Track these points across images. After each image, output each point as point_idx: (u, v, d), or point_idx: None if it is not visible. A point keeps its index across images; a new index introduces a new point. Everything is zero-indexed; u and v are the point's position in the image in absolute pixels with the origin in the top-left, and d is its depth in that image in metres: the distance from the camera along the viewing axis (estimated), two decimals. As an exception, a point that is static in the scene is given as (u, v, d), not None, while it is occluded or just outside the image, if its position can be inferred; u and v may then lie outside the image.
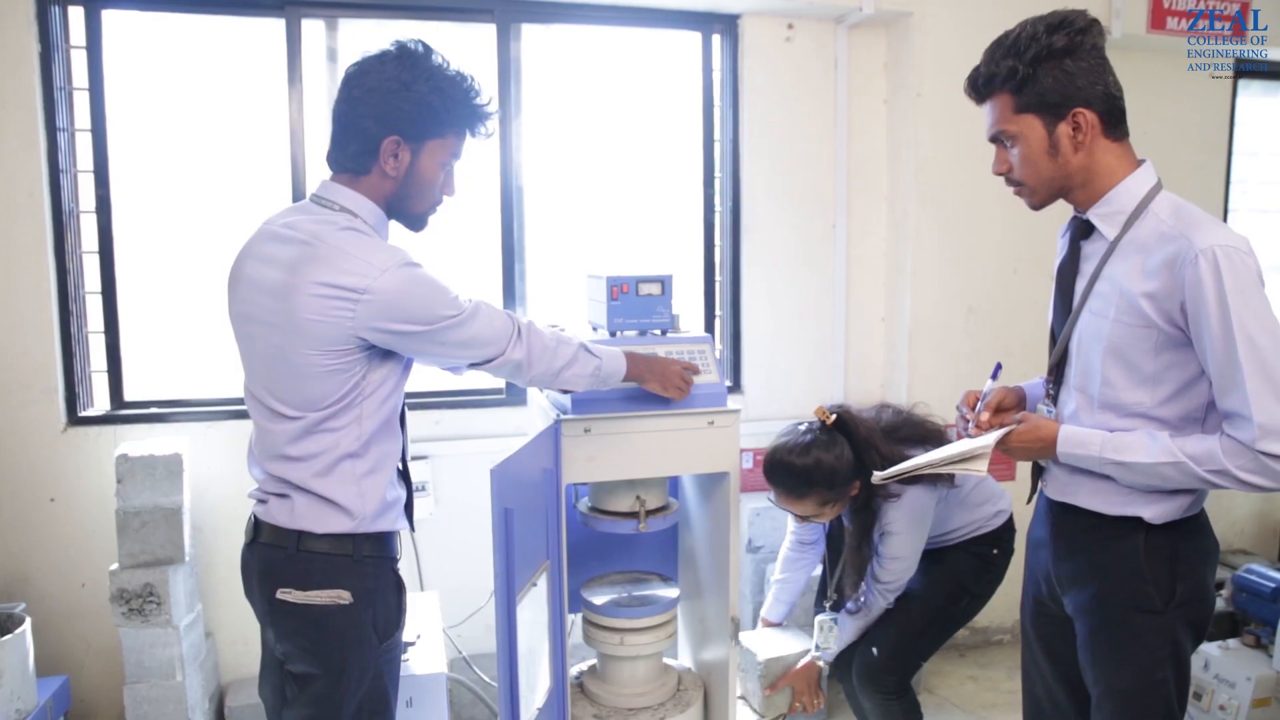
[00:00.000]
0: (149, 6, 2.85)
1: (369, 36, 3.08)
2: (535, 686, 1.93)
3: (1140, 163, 1.60)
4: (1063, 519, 1.70)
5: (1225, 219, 3.96)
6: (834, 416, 2.26)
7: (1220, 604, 3.07)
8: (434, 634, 2.60)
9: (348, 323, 1.52)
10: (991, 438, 1.59)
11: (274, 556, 1.62)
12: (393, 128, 1.60)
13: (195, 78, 2.94)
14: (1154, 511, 1.57)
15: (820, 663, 2.60)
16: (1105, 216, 1.59)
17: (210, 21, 2.93)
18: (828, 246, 3.38)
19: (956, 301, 3.38)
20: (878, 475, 1.77)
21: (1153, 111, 3.70)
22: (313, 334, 1.53)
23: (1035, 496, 1.82)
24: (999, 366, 1.78)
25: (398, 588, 1.72)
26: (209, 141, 2.97)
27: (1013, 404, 1.76)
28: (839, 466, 2.21)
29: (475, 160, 3.13)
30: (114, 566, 2.56)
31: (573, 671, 2.48)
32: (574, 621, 2.64)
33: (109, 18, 2.82)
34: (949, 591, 2.43)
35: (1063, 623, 1.73)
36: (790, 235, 3.35)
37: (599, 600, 2.34)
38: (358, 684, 1.61)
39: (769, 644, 2.88)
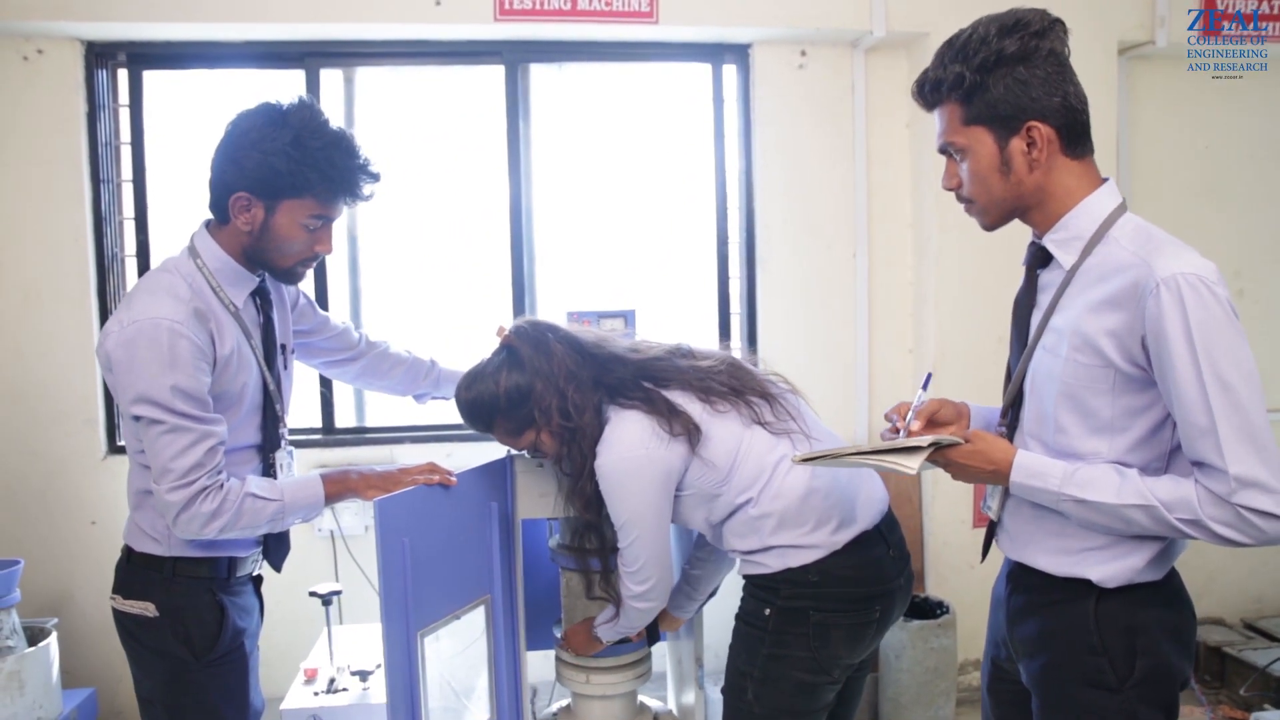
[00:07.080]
0: (184, 65, 3.08)
1: (385, 83, 3.22)
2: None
3: (1103, 181, 1.46)
4: (1018, 577, 1.55)
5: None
6: (511, 336, 1.82)
7: (1284, 667, 2.75)
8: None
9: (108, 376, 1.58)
10: (927, 438, 1.42)
11: (118, 564, 1.72)
12: (241, 184, 1.58)
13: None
14: (1103, 573, 1.40)
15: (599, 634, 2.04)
16: (1062, 243, 1.46)
17: (237, 76, 3.14)
18: (848, 277, 3.28)
19: (987, 331, 3.19)
20: (795, 456, 1.53)
21: (1216, 125, 3.43)
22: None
23: (987, 556, 1.66)
24: (929, 376, 1.64)
25: (219, 608, 1.68)
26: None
27: (950, 418, 1.59)
28: (505, 390, 1.78)
29: (486, 194, 3.21)
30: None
31: (551, 709, 2.46)
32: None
33: (149, 77, 3.06)
34: (731, 681, 1.84)
35: (1021, 691, 1.57)
36: (808, 266, 3.26)
37: (568, 637, 2.31)
38: (176, 694, 1.66)
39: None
